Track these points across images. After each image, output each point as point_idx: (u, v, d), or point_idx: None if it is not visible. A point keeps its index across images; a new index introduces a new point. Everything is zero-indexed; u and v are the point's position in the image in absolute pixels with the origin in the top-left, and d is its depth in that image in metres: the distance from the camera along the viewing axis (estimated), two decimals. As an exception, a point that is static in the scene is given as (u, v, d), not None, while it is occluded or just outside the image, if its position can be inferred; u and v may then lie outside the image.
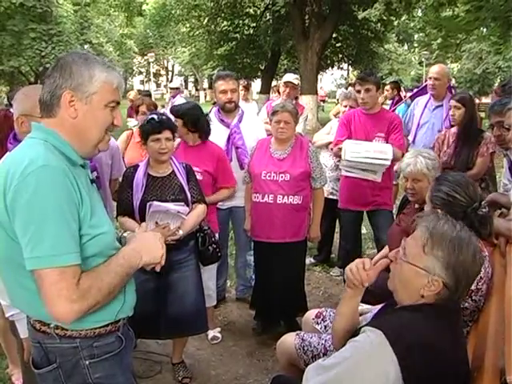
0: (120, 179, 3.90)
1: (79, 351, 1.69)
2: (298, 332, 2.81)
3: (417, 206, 3.36)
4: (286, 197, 3.82)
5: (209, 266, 3.65)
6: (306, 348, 2.62)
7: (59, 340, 1.67)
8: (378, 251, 4.37)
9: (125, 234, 2.53)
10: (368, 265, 1.92)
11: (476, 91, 37.56)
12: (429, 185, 3.04)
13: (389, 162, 4.32)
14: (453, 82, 47.00)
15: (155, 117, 3.28)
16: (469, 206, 2.45)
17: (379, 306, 2.12)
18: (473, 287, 2.21)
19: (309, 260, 5.59)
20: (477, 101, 30.12)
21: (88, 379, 1.71)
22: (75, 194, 1.58)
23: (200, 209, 3.35)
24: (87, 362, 1.70)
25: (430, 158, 3.32)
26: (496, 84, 32.49)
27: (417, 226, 1.82)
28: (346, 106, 5.21)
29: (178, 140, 3.77)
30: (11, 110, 3.28)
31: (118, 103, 1.75)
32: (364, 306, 2.33)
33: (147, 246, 1.75)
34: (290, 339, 2.74)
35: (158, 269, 1.82)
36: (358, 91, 4.53)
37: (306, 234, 3.98)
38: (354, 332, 1.83)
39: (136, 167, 3.38)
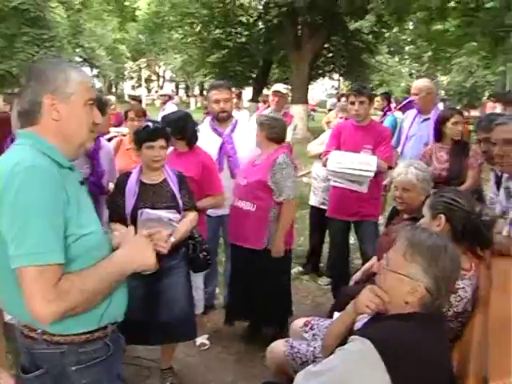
0: (111, 184, 3.95)
1: (66, 357, 1.70)
2: (288, 339, 2.86)
3: (405, 216, 3.42)
4: (240, 201, 3.98)
5: (197, 273, 3.70)
6: (295, 355, 2.66)
7: (46, 346, 1.69)
8: (363, 262, 4.44)
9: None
10: (379, 292, 1.96)
11: (465, 104, 37.92)
12: (417, 195, 3.12)
13: (372, 174, 4.37)
14: (442, 94, 47.58)
15: (150, 124, 3.33)
16: (470, 211, 2.50)
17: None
18: (460, 309, 2.28)
19: (297, 269, 5.66)
20: (465, 113, 30.49)
21: None
22: (62, 194, 1.60)
23: (191, 216, 3.39)
24: (74, 368, 1.71)
25: (422, 169, 3.39)
26: (485, 98, 32.86)
27: (397, 237, 1.89)
28: (341, 118, 5.34)
29: (170, 148, 3.82)
30: (9, 112, 3.34)
31: (94, 101, 1.80)
32: None
33: (140, 253, 1.76)
34: (279, 346, 2.78)
35: (148, 272, 1.87)
36: (352, 103, 4.59)
37: (265, 243, 3.95)
38: (343, 340, 1.89)
39: (128, 174, 3.41)
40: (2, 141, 3.19)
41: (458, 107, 35.57)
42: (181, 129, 3.79)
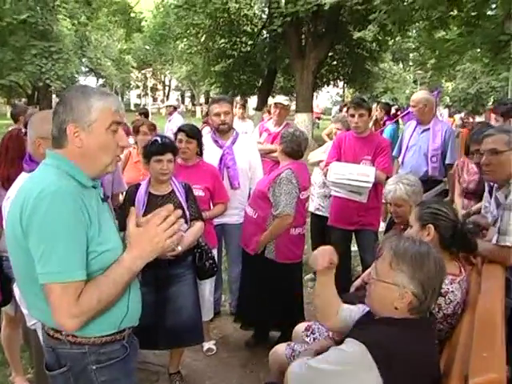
0: (120, 194, 4.13)
1: (87, 356, 1.86)
2: (289, 343, 3.01)
3: (403, 226, 3.56)
4: (248, 206, 4.21)
5: (206, 280, 3.86)
6: (296, 357, 2.80)
7: (70, 346, 1.85)
8: (363, 269, 4.58)
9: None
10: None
11: (470, 110, 37.98)
12: (410, 208, 3.25)
13: (370, 185, 4.52)
14: (447, 100, 47.46)
15: (159, 139, 3.50)
16: (456, 221, 2.66)
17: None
18: (449, 311, 2.42)
19: (310, 275, 5.82)
20: (470, 120, 30.50)
21: (94, 382, 1.88)
22: (84, 216, 1.75)
23: (198, 226, 3.54)
24: (94, 367, 1.87)
25: (410, 183, 3.50)
26: (490, 103, 32.93)
27: (383, 248, 2.04)
28: (337, 129, 5.54)
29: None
30: (23, 129, 3.50)
31: (120, 123, 1.92)
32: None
33: (143, 245, 1.80)
34: (281, 349, 2.94)
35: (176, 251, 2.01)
36: (352, 115, 4.74)
37: (256, 248, 4.09)
38: (340, 341, 2.04)
39: (138, 186, 3.58)
40: (19, 159, 3.37)
41: (463, 113, 35.63)
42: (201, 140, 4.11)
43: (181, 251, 3.31)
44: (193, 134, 4.08)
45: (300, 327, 3.17)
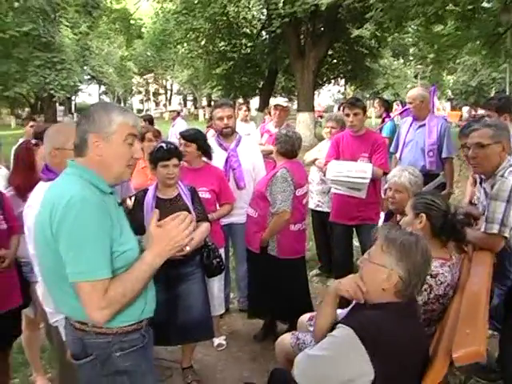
0: (128, 199, 4.31)
1: (111, 345, 2.06)
2: (294, 332, 3.20)
3: (399, 218, 3.73)
4: (249, 207, 4.40)
5: (214, 277, 4.03)
6: (300, 345, 2.99)
7: (95, 336, 2.05)
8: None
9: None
10: (359, 282, 2.28)
11: (472, 103, 38.03)
12: (408, 198, 3.43)
13: (367, 181, 4.71)
14: (449, 93, 47.33)
15: (164, 145, 3.69)
16: (446, 211, 2.84)
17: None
18: (441, 292, 2.61)
19: (315, 271, 6.05)
20: (472, 112, 30.51)
21: (119, 367, 2.08)
22: (107, 221, 1.97)
23: (204, 227, 3.71)
24: (118, 354, 2.07)
25: (414, 174, 3.72)
26: (492, 95, 32.96)
27: (377, 235, 2.22)
28: (328, 127, 5.73)
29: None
30: (32, 141, 3.70)
31: (135, 136, 2.13)
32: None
33: (161, 243, 2.01)
34: (286, 338, 3.13)
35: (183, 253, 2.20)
36: (347, 115, 4.94)
37: (259, 246, 4.27)
38: (332, 327, 2.23)
39: (146, 190, 3.77)
40: (30, 169, 3.56)
41: (465, 106, 35.57)
42: (206, 143, 4.28)
43: (189, 251, 3.49)
44: (190, 137, 4.23)
45: (304, 317, 3.35)
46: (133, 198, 3.92)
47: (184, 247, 2.12)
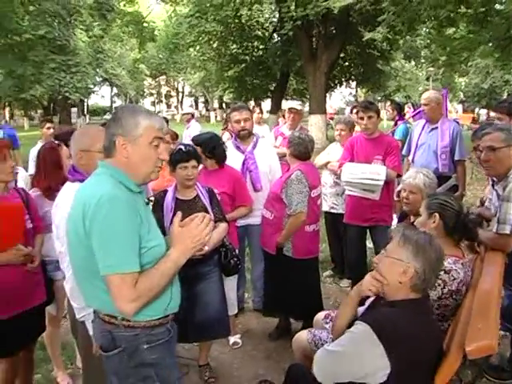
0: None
1: (139, 338, 2.17)
2: (310, 329, 3.29)
3: (412, 219, 3.81)
4: (264, 209, 4.48)
5: (230, 277, 4.12)
6: (317, 342, 3.08)
7: (124, 329, 2.15)
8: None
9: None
10: (378, 276, 2.38)
11: (484, 105, 37.88)
12: (422, 199, 3.51)
13: (382, 183, 4.79)
14: (461, 96, 47.01)
15: (183, 148, 3.79)
16: (459, 211, 2.94)
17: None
18: (454, 288, 2.70)
19: (329, 272, 6.17)
20: (491, 114, 30.33)
21: (146, 359, 2.18)
22: (136, 218, 2.08)
23: (222, 227, 3.81)
24: (145, 347, 2.17)
25: (429, 177, 3.80)
26: (504, 97, 32.80)
27: (393, 233, 2.32)
28: (337, 130, 5.84)
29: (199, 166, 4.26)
30: (55, 142, 3.83)
31: (161, 138, 2.23)
32: None
33: (185, 242, 2.11)
34: (303, 335, 3.23)
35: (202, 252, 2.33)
36: (362, 118, 5.02)
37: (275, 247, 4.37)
38: (350, 322, 2.33)
39: (165, 192, 3.87)
40: (56, 169, 3.68)
41: (477, 108, 35.36)
42: (212, 148, 4.26)
43: (208, 251, 3.59)
44: (195, 141, 4.29)
45: (320, 315, 3.45)
46: (152, 199, 4.02)
47: (203, 246, 2.23)
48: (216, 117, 46.78)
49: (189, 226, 2.15)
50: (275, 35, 24.66)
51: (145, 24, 32.44)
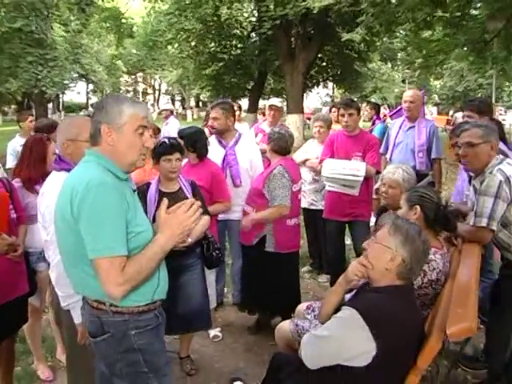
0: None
1: (127, 324, 2.19)
2: (293, 319, 3.36)
3: (392, 211, 3.90)
4: (246, 204, 4.51)
5: (209, 272, 4.14)
6: (299, 331, 3.15)
7: (112, 315, 2.18)
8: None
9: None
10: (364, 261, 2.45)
11: (459, 108, 38.46)
12: (400, 194, 3.60)
13: (361, 178, 4.88)
14: (436, 98, 47.54)
15: (166, 140, 3.82)
16: (438, 203, 3.05)
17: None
18: (433, 277, 2.80)
19: (307, 267, 6.23)
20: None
21: (134, 345, 2.21)
22: (123, 203, 2.10)
23: (205, 220, 3.81)
24: (133, 332, 2.20)
25: (408, 172, 3.90)
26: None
27: (382, 221, 2.40)
28: (316, 127, 5.93)
29: (185, 160, 4.29)
30: (45, 135, 3.82)
31: (146, 127, 2.26)
32: None
33: (172, 228, 2.14)
34: (285, 325, 3.29)
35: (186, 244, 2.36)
36: (342, 115, 5.11)
37: (255, 241, 4.41)
38: (337, 308, 2.39)
39: (149, 184, 3.89)
40: (40, 162, 3.68)
41: (451, 111, 35.82)
42: (193, 142, 4.29)
43: (191, 242, 3.63)
44: (178, 134, 4.37)
45: (301, 306, 3.52)
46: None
47: (186, 238, 2.27)
48: (193, 115, 46.64)
49: (176, 212, 2.18)
50: (254, 34, 24.63)
51: (123, 20, 32.22)
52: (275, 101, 6.64)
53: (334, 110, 7.27)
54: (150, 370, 2.26)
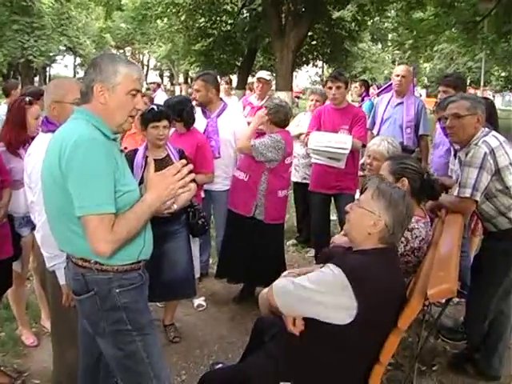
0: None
1: (112, 282, 2.20)
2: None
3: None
4: (238, 171, 4.52)
5: (196, 237, 4.16)
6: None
7: (97, 273, 2.19)
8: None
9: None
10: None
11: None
12: None
13: (347, 151, 4.88)
14: (425, 80, 47.54)
15: (155, 107, 3.80)
16: (422, 172, 3.08)
17: None
18: (416, 245, 2.84)
19: (292, 241, 6.26)
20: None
21: (118, 303, 2.22)
22: (112, 160, 2.10)
23: (191, 187, 3.83)
24: (117, 291, 2.21)
25: (393, 145, 3.89)
26: (467, 83, 33.34)
27: (368, 184, 2.40)
28: (312, 100, 5.95)
29: (172, 129, 4.27)
30: (26, 99, 3.77)
31: (139, 91, 2.25)
32: None
33: (159, 188, 2.13)
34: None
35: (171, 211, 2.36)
36: (330, 88, 5.09)
37: (253, 211, 4.41)
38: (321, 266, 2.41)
39: (136, 150, 3.88)
40: (19, 125, 3.63)
41: (440, 94, 35.98)
42: (179, 111, 4.26)
43: (176, 209, 3.63)
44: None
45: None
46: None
47: (172, 205, 2.28)
48: (181, 91, 46.04)
49: (164, 173, 2.18)
50: (244, 10, 24.44)
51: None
52: (263, 73, 6.61)
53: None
54: (134, 329, 2.27)
